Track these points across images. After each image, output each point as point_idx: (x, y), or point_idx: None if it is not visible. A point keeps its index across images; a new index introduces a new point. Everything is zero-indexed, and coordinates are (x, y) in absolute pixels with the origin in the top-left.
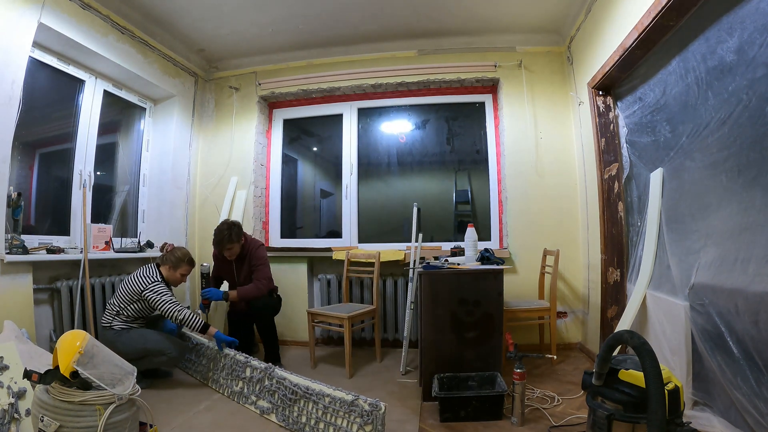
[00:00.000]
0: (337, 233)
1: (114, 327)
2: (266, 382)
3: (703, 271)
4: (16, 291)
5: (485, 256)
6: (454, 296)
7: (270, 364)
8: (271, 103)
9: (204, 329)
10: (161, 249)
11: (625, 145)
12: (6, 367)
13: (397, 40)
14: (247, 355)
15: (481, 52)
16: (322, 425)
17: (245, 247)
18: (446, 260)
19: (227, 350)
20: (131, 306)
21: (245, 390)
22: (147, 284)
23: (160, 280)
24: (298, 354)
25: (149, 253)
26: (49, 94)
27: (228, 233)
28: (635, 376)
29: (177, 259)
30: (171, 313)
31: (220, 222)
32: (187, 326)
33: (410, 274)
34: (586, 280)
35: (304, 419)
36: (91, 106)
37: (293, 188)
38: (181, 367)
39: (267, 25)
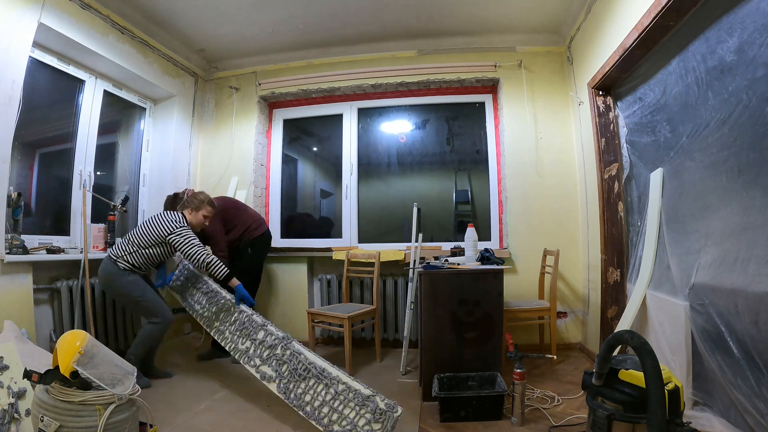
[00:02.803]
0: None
1: (119, 264)
2: (278, 351)
3: (703, 271)
4: (16, 291)
5: (485, 256)
6: (454, 296)
7: (288, 334)
8: (271, 103)
9: (228, 278)
10: (182, 195)
11: (625, 145)
12: (6, 367)
13: (397, 40)
14: (265, 319)
15: (481, 52)
16: (326, 409)
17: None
18: (446, 260)
19: (243, 307)
20: (148, 250)
21: (251, 351)
22: (174, 228)
23: (186, 224)
24: None
25: None
26: (49, 94)
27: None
28: (635, 376)
29: (199, 201)
30: (198, 257)
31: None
32: (210, 272)
33: (410, 274)
34: (586, 280)
35: (308, 398)
36: (91, 106)
37: (293, 188)
38: (183, 305)
39: (267, 25)
